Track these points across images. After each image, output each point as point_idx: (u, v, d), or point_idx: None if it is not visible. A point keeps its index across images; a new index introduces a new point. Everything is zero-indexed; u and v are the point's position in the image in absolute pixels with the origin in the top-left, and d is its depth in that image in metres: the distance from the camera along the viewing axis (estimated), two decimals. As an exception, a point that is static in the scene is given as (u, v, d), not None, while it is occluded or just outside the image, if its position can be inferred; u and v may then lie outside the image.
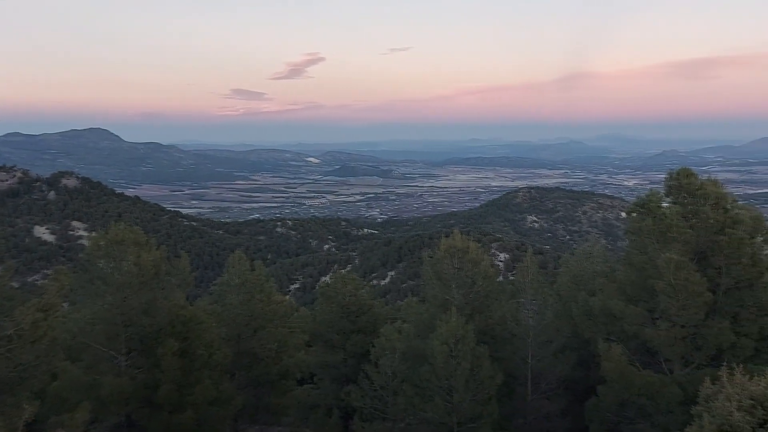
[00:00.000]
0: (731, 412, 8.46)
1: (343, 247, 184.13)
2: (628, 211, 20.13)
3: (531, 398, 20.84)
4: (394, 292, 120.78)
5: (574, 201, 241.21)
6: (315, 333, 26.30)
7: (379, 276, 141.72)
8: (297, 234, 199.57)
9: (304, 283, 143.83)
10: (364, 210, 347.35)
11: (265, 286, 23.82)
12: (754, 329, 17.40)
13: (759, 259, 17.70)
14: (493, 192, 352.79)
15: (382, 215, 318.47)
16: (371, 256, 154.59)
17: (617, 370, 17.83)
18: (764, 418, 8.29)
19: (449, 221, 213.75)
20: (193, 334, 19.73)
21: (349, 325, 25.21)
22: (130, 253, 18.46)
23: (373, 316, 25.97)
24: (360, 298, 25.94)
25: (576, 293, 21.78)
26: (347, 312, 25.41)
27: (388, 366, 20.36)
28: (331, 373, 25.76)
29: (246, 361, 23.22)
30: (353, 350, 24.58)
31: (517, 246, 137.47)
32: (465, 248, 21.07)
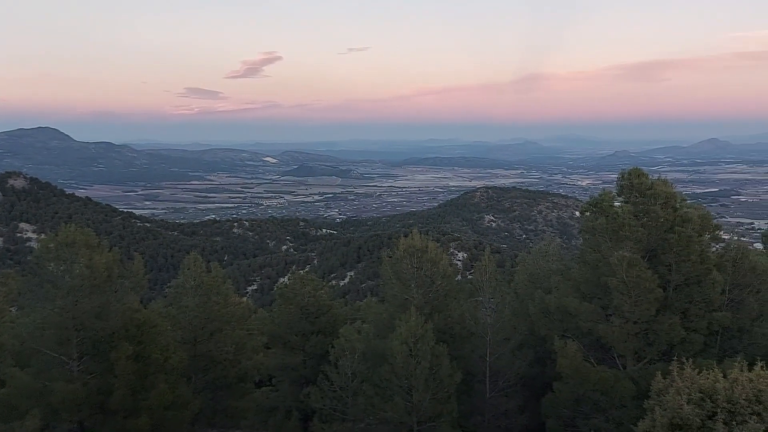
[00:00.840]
0: (681, 405, 8.71)
1: (301, 248, 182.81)
2: (582, 211, 20.54)
3: (489, 395, 21.07)
4: (353, 292, 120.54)
5: (530, 201, 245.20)
6: (273, 335, 26.02)
7: (338, 276, 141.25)
8: (254, 235, 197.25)
9: (262, 285, 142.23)
10: (322, 210, 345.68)
11: (221, 288, 23.44)
12: (703, 324, 17.99)
13: (707, 256, 18.30)
14: (452, 192, 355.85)
15: (341, 215, 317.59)
16: (330, 256, 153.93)
17: (573, 366, 18.19)
18: (713, 411, 8.55)
19: (408, 221, 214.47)
20: (147, 338, 19.30)
21: (309, 326, 25.03)
22: (82, 256, 17.93)
23: (333, 316, 25.84)
24: (319, 298, 25.78)
25: (532, 291, 22.12)
26: (306, 313, 25.23)
27: (348, 366, 20.28)
28: (290, 375, 25.54)
29: (203, 364, 22.82)
30: (312, 351, 24.42)
31: (475, 245, 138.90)
32: (424, 248, 21.17)
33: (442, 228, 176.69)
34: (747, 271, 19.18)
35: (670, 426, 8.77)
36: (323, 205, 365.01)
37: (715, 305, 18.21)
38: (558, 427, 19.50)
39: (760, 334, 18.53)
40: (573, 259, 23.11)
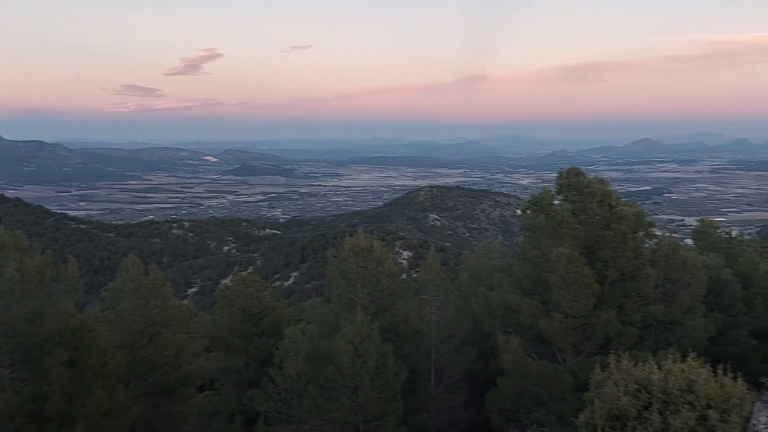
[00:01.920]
0: (619, 396, 8.95)
1: (244, 249, 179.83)
2: (522, 209, 20.97)
3: (434, 392, 21.25)
4: (298, 292, 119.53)
5: (473, 199, 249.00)
6: (216, 337, 25.51)
7: (282, 277, 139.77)
8: (195, 236, 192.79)
9: (203, 287, 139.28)
10: (265, 210, 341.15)
11: (161, 291, 22.80)
12: (638, 318, 18.66)
13: (641, 252, 19.01)
14: (396, 191, 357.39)
15: (285, 215, 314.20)
16: (274, 256, 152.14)
17: (515, 361, 18.56)
18: (648, 401, 8.83)
19: (353, 220, 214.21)
20: (83, 343, 18.56)
21: (252, 328, 24.65)
22: (12, 259, 17.09)
23: (277, 318, 25.52)
24: (262, 300, 25.41)
25: (476, 289, 22.44)
26: (249, 315, 24.83)
27: (293, 368, 20.07)
28: (233, 378, 25.10)
29: (142, 369, 22.15)
30: (256, 354, 24.07)
31: (419, 244, 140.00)
32: (369, 247, 21.15)
33: (387, 227, 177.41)
34: (678, 266, 20.03)
35: (608, 417, 9.02)
36: (266, 205, 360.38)
37: (649, 299, 18.94)
38: (501, 421, 19.87)
39: (691, 326, 19.38)
40: (515, 256, 23.58)
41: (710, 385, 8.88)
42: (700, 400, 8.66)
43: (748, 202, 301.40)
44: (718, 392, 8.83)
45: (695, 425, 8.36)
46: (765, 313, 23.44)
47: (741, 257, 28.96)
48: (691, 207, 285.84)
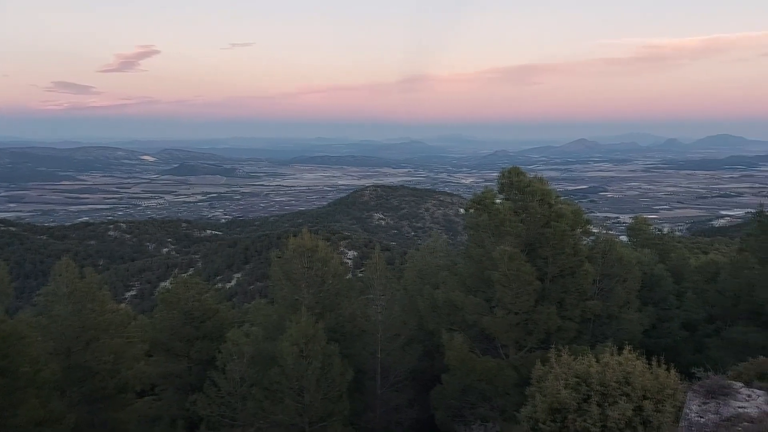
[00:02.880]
0: (559, 390, 9.15)
1: (184, 250, 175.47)
2: (466, 208, 21.26)
3: (380, 391, 21.29)
4: (240, 294, 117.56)
5: (418, 198, 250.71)
6: (156, 342, 24.80)
7: (224, 279, 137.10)
8: (132, 237, 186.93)
9: (142, 290, 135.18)
10: (206, 210, 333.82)
11: (97, 295, 22.03)
12: (577, 313, 19.21)
13: (579, 249, 19.56)
14: (341, 190, 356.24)
15: (227, 215, 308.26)
16: (215, 258, 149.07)
17: (459, 357, 18.78)
18: (587, 394, 9.06)
19: (297, 220, 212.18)
20: (14, 351, 17.72)
21: (193, 332, 24.11)
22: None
23: (219, 320, 25.03)
24: (204, 302, 24.88)
25: (421, 287, 22.61)
26: (191, 318, 24.27)
27: (236, 371, 19.74)
28: (175, 383, 24.48)
29: (78, 376, 21.35)
30: (198, 357, 23.56)
31: (365, 243, 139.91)
32: (314, 247, 21.00)
33: (332, 227, 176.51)
34: (615, 262, 20.73)
35: (549, 410, 9.19)
36: (207, 206, 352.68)
37: (587, 294, 19.52)
38: (446, 417, 20.07)
39: (627, 320, 20.09)
40: (459, 254, 23.87)
41: (645, 376, 9.18)
42: (636, 392, 8.94)
43: (679, 200, 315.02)
44: (653, 383, 9.13)
45: (632, 416, 8.63)
46: (695, 306, 24.53)
47: (672, 253, 30.27)
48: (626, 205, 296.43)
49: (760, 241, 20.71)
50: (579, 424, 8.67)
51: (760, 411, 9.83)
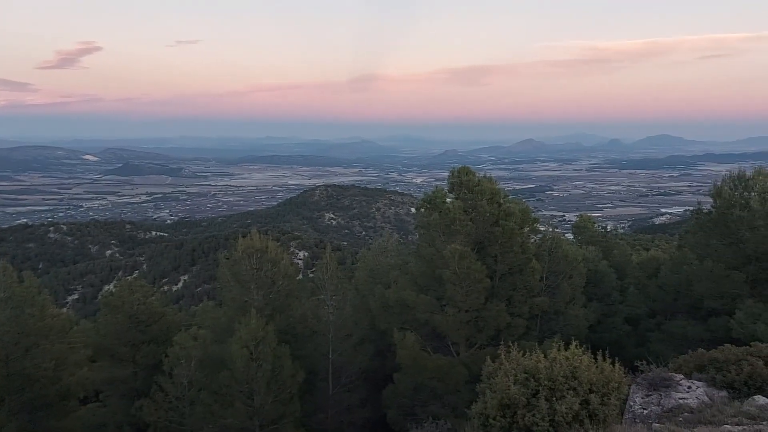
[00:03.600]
0: (509, 386, 9.25)
1: (128, 252, 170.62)
2: (417, 207, 21.38)
3: (332, 392, 21.18)
4: (188, 297, 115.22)
5: (369, 198, 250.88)
6: (100, 347, 24.04)
7: (170, 281, 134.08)
8: (74, 240, 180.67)
9: (84, 294, 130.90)
10: (151, 211, 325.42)
11: (36, 299, 21.15)
12: (525, 309, 19.57)
13: (527, 246, 19.94)
14: (291, 190, 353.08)
15: (173, 216, 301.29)
16: (161, 260, 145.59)
17: (411, 356, 18.87)
18: (536, 389, 9.20)
19: (246, 221, 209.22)
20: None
21: (139, 336, 23.48)
22: None
23: (166, 324, 24.46)
24: (150, 305, 24.26)
25: (373, 287, 22.60)
26: (136, 322, 23.63)
27: (184, 375, 19.31)
28: (120, 389, 23.79)
29: (17, 384, 20.47)
30: (144, 362, 22.96)
31: (316, 243, 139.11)
32: (264, 248, 20.71)
33: (282, 227, 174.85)
34: (561, 259, 21.22)
35: (500, 406, 9.28)
36: (152, 206, 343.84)
37: (535, 291, 19.91)
38: (398, 416, 20.14)
39: (573, 315, 20.58)
40: (410, 253, 23.97)
41: (591, 370, 9.38)
42: (582, 386, 9.12)
43: (621, 198, 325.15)
44: (599, 377, 9.34)
45: (579, 410, 8.80)
46: (637, 302, 25.32)
47: (615, 250, 31.18)
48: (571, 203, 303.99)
49: (698, 238, 21.52)
50: (528, 419, 8.79)
51: (700, 402, 10.21)
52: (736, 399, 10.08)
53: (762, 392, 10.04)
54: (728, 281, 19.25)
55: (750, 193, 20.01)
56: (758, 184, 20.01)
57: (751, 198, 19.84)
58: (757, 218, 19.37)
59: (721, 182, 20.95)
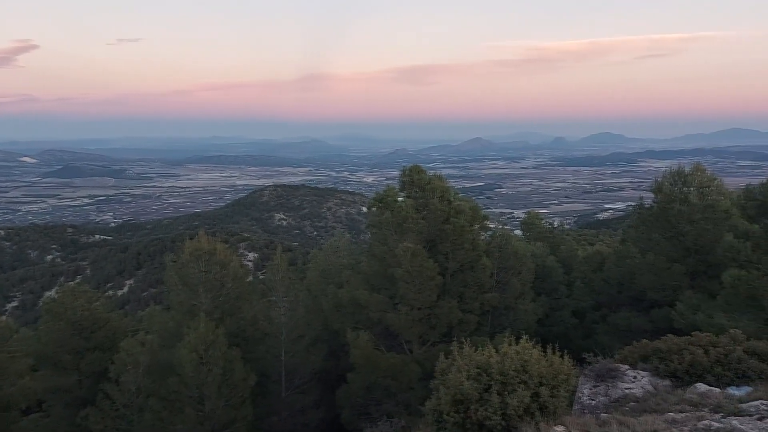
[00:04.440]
0: (462, 381, 9.33)
1: (70, 257, 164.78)
2: (368, 206, 21.37)
3: (285, 394, 20.99)
4: (134, 302, 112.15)
5: (319, 198, 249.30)
6: (42, 355, 23.15)
7: (115, 286, 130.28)
8: (12, 245, 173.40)
9: (24, 301, 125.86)
10: (94, 214, 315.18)
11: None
12: (476, 306, 19.82)
13: (478, 244, 20.21)
14: (239, 191, 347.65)
15: (117, 219, 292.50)
16: (105, 264, 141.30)
17: (364, 355, 18.85)
18: (488, 384, 9.31)
19: (193, 222, 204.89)
20: None
21: (83, 343, 22.74)
22: None
23: (111, 330, 23.75)
24: (94, 311, 23.51)
25: (325, 287, 22.49)
26: (80, 328, 22.87)
27: (131, 382, 18.80)
28: (64, 398, 22.97)
29: (-48, 398, 19.53)
30: (89, 370, 22.25)
31: (266, 244, 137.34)
32: (212, 250, 20.33)
33: (230, 228, 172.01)
34: (510, 256, 21.57)
35: (453, 402, 9.35)
36: (94, 209, 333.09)
37: (485, 287, 20.19)
38: (352, 416, 20.10)
39: (523, 310, 20.97)
40: (362, 253, 23.96)
41: (541, 364, 9.55)
42: (533, 379, 9.27)
43: (566, 195, 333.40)
44: (548, 370, 9.52)
45: (530, 402, 8.95)
46: (583, 295, 25.97)
47: (562, 245, 31.93)
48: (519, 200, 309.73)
49: (640, 232, 22.24)
50: (481, 414, 8.88)
51: (645, 391, 10.54)
52: (678, 387, 10.43)
53: (703, 380, 10.43)
54: (669, 273, 19.97)
55: (689, 189, 20.82)
56: (696, 179, 20.84)
57: (690, 193, 20.66)
58: (696, 212, 20.17)
59: (661, 178, 21.73)
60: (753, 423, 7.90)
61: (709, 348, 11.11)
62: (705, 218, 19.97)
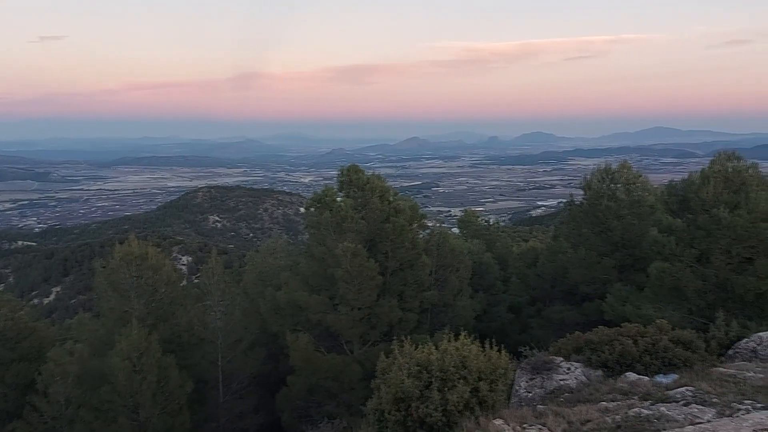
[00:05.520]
0: (403, 380, 9.38)
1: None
2: (306, 207, 21.20)
3: (223, 400, 20.59)
4: (61, 309, 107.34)
5: (256, 199, 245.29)
6: (-41, 370, 21.85)
7: (41, 293, 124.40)
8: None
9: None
10: (16, 219, 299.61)
11: None
12: (416, 304, 19.98)
13: (417, 242, 20.39)
14: (171, 193, 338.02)
15: (41, 224, 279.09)
16: (30, 271, 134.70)
17: (305, 357, 18.70)
18: (429, 381, 9.39)
19: (123, 226, 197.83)
20: None
21: (8, 354, 21.64)
22: None
23: (37, 339, 22.71)
24: (18, 321, 22.42)
25: (263, 289, 22.18)
26: (3, 339, 21.76)
27: (60, 393, 18.04)
28: (-14, 414, 21.76)
29: None
30: (14, 382, 21.19)
31: (200, 248, 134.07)
32: (143, 254, 19.72)
33: (162, 232, 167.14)
34: (448, 253, 21.87)
35: (394, 400, 9.38)
36: (17, 214, 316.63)
37: (425, 285, 20.39)
38: (293, 419, 19.90)
39: (461, 307, 21.29)
40: (301, 254, 23.75)
41: (480, 359, 9.71)
42: (472, 374, 9.41)
43: (501, 193, 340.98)
44: (487, 365, 9.69)
45: (469, 397, 9.09)
46: (519, 290, 26.64)
47: (498, 242, 32.65)
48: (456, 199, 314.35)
49: (571, 228, 22.98)
50: (422, 411, 8.95)
51: (579, 382, 10.88)
52: (610, 377, 10.82)
53: (632, 369, 10.86)
54: (599, 267, 20.72)
55: (616, 185, 21.67)
56: (623, 176, 21.72)
57: (617, 189, 21.51)
58: (623, 208, 21.01)
59: (590, 176, 22.52)
60: (680, 409, 8.28)
61: (638, 338, 11.58)
62: (632, 213, 20.83)
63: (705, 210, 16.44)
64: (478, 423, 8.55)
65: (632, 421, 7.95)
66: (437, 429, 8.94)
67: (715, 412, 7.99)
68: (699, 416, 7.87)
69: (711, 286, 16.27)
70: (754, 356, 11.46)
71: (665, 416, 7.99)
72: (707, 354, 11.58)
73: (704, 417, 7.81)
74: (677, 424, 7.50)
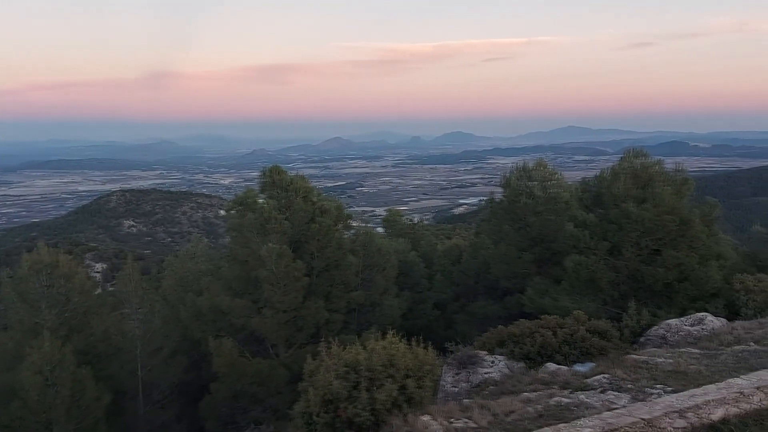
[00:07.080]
0: (331, 381, 9.33)
1: None
2: (227, 209, 20.74)
3: (143, 411, 19.88)
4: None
5: (173, 202, 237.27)
6: None
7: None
8: None
9: None
10: None
11: None
12: (343, 304, 19.94)
13: (343, 242, 20.36)
14: (82, 197, 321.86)
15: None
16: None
17: (229, 363, 18.28)
18: (357, 381, 9.38)
19: (31, 233, 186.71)
20: None
21: None
22: None
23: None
24: None
25: (183, 295, 21.55)
26: None
27: (-36, 413, 16.78)
28: None
29: None
30: None
31: (115, 254, 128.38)
32: (54, 262, 18.72)
33: (74, 238, 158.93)
34: (375, 253, 21.95)
35: (322, 402, 9.32)
36: None
37: (351, 286, 20.38)
38: (217, 427, 19.43)
39: (388, 306, 21.42)
40: (222, 257, 23.21)
41: (407, 357, 9.78)
42: (399, 372, 9.48)
43: (424, 192, 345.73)
44: (414, 362, 9.78)
45: (397, 395, 9.15)
46: (444, 287, 27.08)
47: (422, 240, 33.08)
48: (380, 198, 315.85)
49: (492, 225, 23.63)
50: (350, 411, 8.93)
51: (502, 374, 11.18)
52: (532, 368, 11.18)
53: (552, 359, 11.27)
54: (519, 262, 21.39)
55: (533, 183, 22.46)
56: (539, 174, 22.54)
57: (534, 187, 22.29)
58: (540, 204, 21.79)
59: (508, 174, 23.23)
60: (597, 396, 8.66)
61: (557, 329, 12.04)
62: (548, 209, 21.64)
63: (616, 205, 17.30)
64: (406, 420, 8.61)
65: (553, 410, 8.24)
66: (366, 429, 8.95)
67: (630, 398, 8.40)
68: (615, 402, 8.26)
69: (623, 278, 17.14)
70: (663, 342, 12.16)
71: (584, 403, 8.33)
72: (621, 342, 12.20)
73: (620, 402, 8.20)
74: (595, 411, 7.83)
